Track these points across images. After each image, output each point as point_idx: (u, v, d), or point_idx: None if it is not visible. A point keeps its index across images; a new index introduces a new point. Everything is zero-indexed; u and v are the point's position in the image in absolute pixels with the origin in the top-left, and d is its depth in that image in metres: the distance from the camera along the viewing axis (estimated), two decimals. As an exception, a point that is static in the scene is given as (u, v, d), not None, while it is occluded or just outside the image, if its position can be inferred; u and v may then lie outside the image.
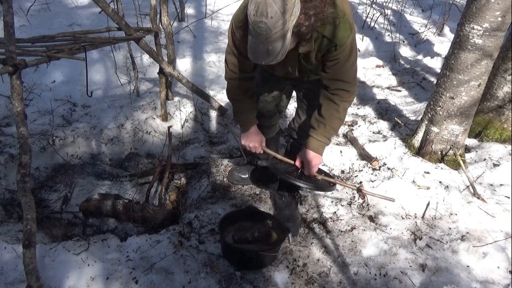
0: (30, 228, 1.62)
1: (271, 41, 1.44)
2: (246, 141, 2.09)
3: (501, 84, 2.85)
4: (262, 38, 1.43)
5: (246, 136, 2.08)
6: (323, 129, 1.92)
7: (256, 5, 1.39)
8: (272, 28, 1.40)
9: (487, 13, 2.30)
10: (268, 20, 1.38)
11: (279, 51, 1.48)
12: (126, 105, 3.41)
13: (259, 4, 1.38)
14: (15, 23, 1.49)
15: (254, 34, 1.44)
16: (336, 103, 1.85)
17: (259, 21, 1.39)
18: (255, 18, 1.40)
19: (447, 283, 1.96)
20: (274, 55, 1.49)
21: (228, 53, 1.89)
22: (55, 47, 2.12)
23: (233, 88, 1.99)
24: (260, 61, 1.54)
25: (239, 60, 1.85)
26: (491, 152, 2.75)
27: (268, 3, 1.37)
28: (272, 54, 1.48)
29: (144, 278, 1.90)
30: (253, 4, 1.40)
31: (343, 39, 1.64)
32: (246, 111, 2.05)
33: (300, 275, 2.04)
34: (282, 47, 1.47)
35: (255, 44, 1.48)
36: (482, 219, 2.34)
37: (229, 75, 1.95)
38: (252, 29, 1.44)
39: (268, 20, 1.38)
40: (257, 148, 2.09)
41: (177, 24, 4.88)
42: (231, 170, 2.63)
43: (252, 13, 1.40)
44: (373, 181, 2.61)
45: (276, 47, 1.46)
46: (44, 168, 2.86)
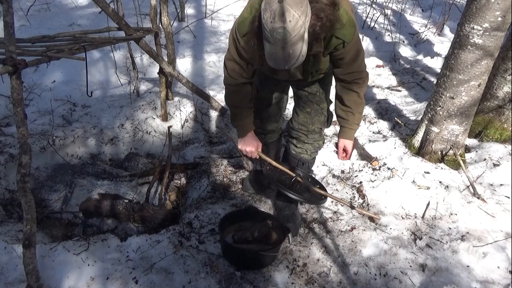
0: (30, 228, 1.62)
1: (291, 44, 1.47)
2: (243, 146, 2.11)
3: (501, 84, 2.85)
4: (282, 43, 1.46)
5: (243, 141, 2.10)
6: (352, 117, 2.03)
7: (272, 13, 1.42)
8: (291, 31, 1.43)
9: (487, 13, 2.30)
10: (287, 24, 1.41)
11: (299, 54, 1.51)
12: (126, 105, 3.41)
13: (275, 11, 1.42)
14: (15, 23, 1.49)
15: (273, 41, 1.47)
16: (355, 91, 1.95)
17: (278, 27, 1.42)
18: (273, 25, 1.43)
19: (447, 283, 1.96)
20: (295, 58, 1.52)
21: (228, 59, 1.91)
22: (55, 47, 2.13)
23: (232, 93, 2.01)
24: (281, 66, 1.57)
25: (240, 66, 1.88)
26: (491, 152, 2.75)
27: (284, 8, 1.41)
28: (293, 57, 1.51)
29: (144, 278, 1.90)
30: (268, 12, 1.43)
31: (350, 36, 1.70)
32: (244, 117, 2.06)
33: (300, 275, 2.04)
34: (301, 49, 1.50)
35: (275, 50, 1.50)
36: (482, 219, 2.34)
37: (228, 80, 1.97)
38: (270, 36, 1.46)
39: (287, 25, 1.41)
40: (253, 153, 2.11)
41: (177, 24, 4.88)
42: (245, 180, 2.62)
43: (269, 21, 1.44)
44: (373, 181, 2.61)
45: (296, 50, 1.49)
46: (44, 168, 2.86)
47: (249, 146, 2.09)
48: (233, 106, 2.05)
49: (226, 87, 2.02)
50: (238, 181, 2.69)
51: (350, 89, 1.94)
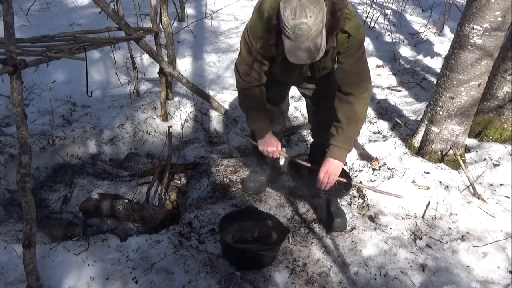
0: (30, 228, 1.62)
1: (312, 38, 1.54)
2: (264, 147, 2.12)
3: (501, 84, 2.85)
4: (304, 38, 1.53)
5: (263, 142, 2.12)
6: (342, 134, 1.94)
7: (292, 10, 1.50)
8: (312, 26, 1.50)
9: (487, 13, 2.30)
10: (308, 19, 1.49)
11: (319, 48, 1.58)
12: (126, 105, 3.41)
13: (295, 7, 1.50)
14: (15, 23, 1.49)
15: (294, 37, 1.53)
16: (350, 103, 1.88)
17: (300, 22, 1.49)
18: (294, 22, 1.50)
19: (447, 283, 1.96)
20: (316, 52, 1.59)
21: (240, 63, 1.95)
22: (55, 47, 2.13)
23: (246, 97, 2.04)
24: (303, 61, 1.62)
25: (252, 69, 1.91)
26: (491, 152, 2.75)
27: (304, 4, 1.49)
28: (314, 51, 1.58)
29: (144, 278, 1.90)
30: (288, 10, 1.51)
31: (356, 31, 1.75)
32: (260, 118, 2.09)
33: (300, 275, 2.04)
34: (321, 43, 1.57)
35: (296, 46, 1.56)
36: (482, 219, 2.34)
37: (242, 84, 2.00)
38: (291, 33, 1.53)
39: (308, 20, 1.49)
40: (274, 152, 2.13)
41: (177, 24, 4.88)
42: (245, 180, 2.62)
43: (290, 18, 1.51)
44: (373, 181, 2.61)
45: (317, 44, 1.56)
46: (44, 168, 2.86)
47: (270, 146, 2.11)
48: (249, 109, 2.08)
49: (239, 92, 2.05)
50: (238, 181, 2.69)
51: (345, 101, 1.89)
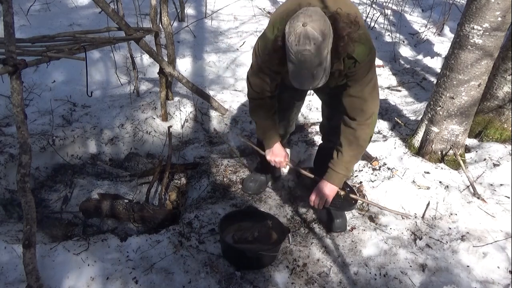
0: (30, 228, 1.62)
1: (315, 66, 1.51)
2: (272, 157, 2.13)
3: (501, 84, 2.85)
4: (307, 64, 1.51)
5: (271, 152, 2.13)
6: (341, 157, 1.94)
7: (296, 36, 1.47)
8: (316, 53, 1.48)
9: (487, 13, 2.30)
10: (311, 47, 1.46)
11: (323, 74, 1.56)
12: (126, 105, 3.41)
13: (299, 34, 1.46)
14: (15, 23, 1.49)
15: (298, 62, 1.51)
16: (353, 128, 1.88)
17: (303, 49, 1.47)
18: (298, 48, 1.47)
19: (447, 283, 1.96)
20: (319, 79, 1.56)
21: (251, 75, 1.96)
22: (55, 47, 2.12)
23: (257, 107, 2.05)
24: (305, 87, 1.62)
25: (263, 81, 1.92)
26: (491, 152, 2.75)
27: (309, 31, 1.45)
28: (317, 78, 1.55)
29: (144, 278, 1.90)
30: (293, 35, 1.48)
31: (363, 56, 1.70)
32: (270, 128, 2.09)
33: (300, 275, 2.04)
34: (325, 69, 1.55)
35: (299, 71, 1.55)
36: (482, 219, 2.34)
37: (252, 95, 2.01)
38: (295, 58, 1.51)
39: (312, 47, 1.46)
40: (282, 163, 2.14)
41: (177, 24, 4.88)
42: (245, 180, 2.62)
43: (294, 44, 1.48)
44: (373, 181, 2.61)
45: (320, 71, 1.54)
46: (44, 168, 2.86)
47: (277, 156, 2.12)
48: (258, 118, 2.09)
49: (250, 102, 2.07)
50: (238, 181, 2.69)
51: (348, 125, 1.88)
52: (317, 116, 3.50)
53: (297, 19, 1.49)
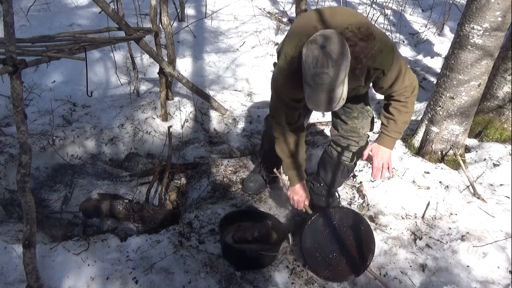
0: (30, 228, 1.62)
1: (332, 89, 1.50)
2: (291, 194, 2.13)
3: (501, 84, 2.85)
4: (324, 87, 1.49)
5: (293, 190, 2.12)
6: (394, 125, 1.95)
7: (314, 58, 1.46)
8: (333, 77, 1.46)
9: (487, 13, 2.30)
10: (329, 70, 1.45)
11: (340, 98, 1.54)
12: (126, 105, 3.41)
13: (317, 56, 1.45)
14: (15, 23, 1.49)
15: (315, 85, 1.50)
16: (402, 101, 1.89)
17: (321, 72, 1.46)
18: (315, 70, 1.46)
19: (447, 283, 1.96)
20: (336, 102, 1.55)
21: (273, 109, 1.97)
22: (55, 47, 2.12)
23: (283, 144, 2.03)
24: (321, 110, 1.61)
25: (287, 114, 1.91)
26: (491, 152, 2.75)
27: (326, 54, 1.44)
28: (334, 101, 1.54)
29: (144, 278, 1.90)
30: (310, 58, 1.47)
31: (388, 63, 1.70)
32: (294, 167, 2.07)
33: (300, 275, 2.04)
34: (342, 93, 1.54)
35: (316, 94, 1.54)
36: (482, 219, 2.34)
37: (279, 131, 2.00)
38: (311, 81, 1.50)
39: (329, 70, 1.45)
40: (299, 203, 2.12)
41: (177, 24, 4.87)
42: (245, 180, 2.62)
43: (312, 66, 1.47)
44: (373, 181, 2.61)
45: (337, 94, 1.52)
46: (44, 168, 2.86)
47: (297, 195, 2.11)
48: (285, 156, 2.07)
49: (276, 138, 2.04)
50: (238, 181, 2.69)
51: (397, 100, 1.90)
52: (317, 116, 3.50)
53: (314, 41, 1.49)
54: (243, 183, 2.61)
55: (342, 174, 2.23)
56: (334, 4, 5.92)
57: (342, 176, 2.25)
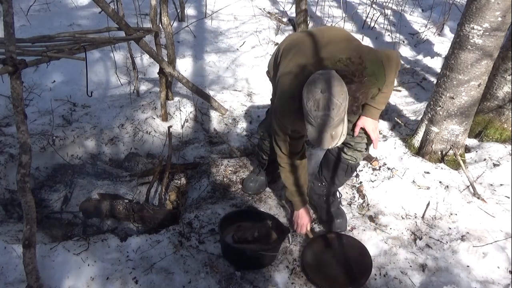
0: (30, 228, 1.62)
1: (334, 127, 1.59)
2: (296, 219, 2.24)
3: (501, 84, 2.85)
4: (326, 127, 1.59)
5: (297, 214, 2.23)
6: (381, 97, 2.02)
7: (315, 101, 1.54)
8: (334, 117, 1.55)
9: (487, 13, 2.30)
10: (330, 111, 1.54)
11: (341, 134, 1.63)
12: (126, 105, 3.41)
13: (318, 100, 1.54)
14: (15, 23, 1.49)
15: (317, 126, 1.59)
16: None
17: (322, 114, 1.55)
18: (317, 113, 1.56)
19: (447, 283, 1.97)
20: (338, 139, 1.64)
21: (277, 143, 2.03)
22: (55, 47, 2.12)
23: (288, 173, 2.13)
24: (325, 146, 1.67)
25: (291, 145, 2.01)
26: (491, 152, 2.75)
27: (327, 97, 1.53)
28: (335, 138, 1.63)
29: (144, 278, 1.90)
30: (312, 101, 1.55)
31: (382, 82, 1.85)
32: (299, 194, 2.18)
33: (300, 275, 2.04)
34: (343, 129, 1.63)
35: (319, 133, 1.62)
36: (482, 219, 2.34)
37: (284, 161, 2.09)
38: (314, 122, 1.59)
39: (331, 112, 1.54)
40: (303, 227, 2.21)
41: (177, 24, 4.88)
42: (245, 180, 2.63)
43: (313, 109, 1.56)
44: (373, 181, 2.61)
45: (338, 131, 1.62)
46: (44, 168, 2.86)
47: (301, 220, 2.21)
48: (290, 184, 2.16)
49: (282, 167, 2.13)
50: (238, 181, 2.69)
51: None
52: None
53: (314, 84, 1.56)
54: (243, 183, 2.61)
55: (345, 173, 2.26)
56: (334, 4, 5.93)
57: (346, 175, 2.29)
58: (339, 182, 2.32)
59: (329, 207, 2.31)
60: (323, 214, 2.33)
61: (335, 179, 2.29)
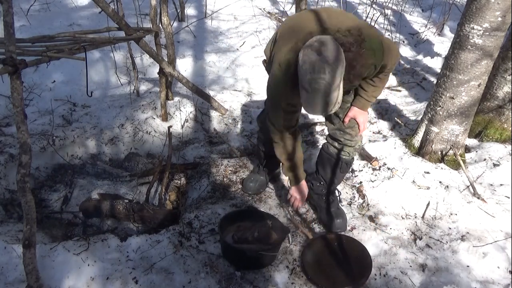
0: (30, 228, 1.62)
1: (328, 93, 1.55)
2: (294, 193, 2.24)
3: (501, 84, 2.85)
4: (321, 92, 1.55)
5: (293, 190, 2.24)
6: (373, 90, 2.03)
7: (311, 64, 1.51)
8: (329, 82, 1.52)
9: (487, 13, 2.30)
10: (325, 75, 1.50)
11: (335, 101, 1.60)
12: (126, 105, 3.41)
13: (314, 62, 1.51)
14: (15, 23, 1.49)
15: (311, 90, 1.55)
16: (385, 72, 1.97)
17: (318, 77, 1.51)
18: (312, 76, 1.52)
19: (447, 283, 1.96)
20: (332, 105, 1.61)
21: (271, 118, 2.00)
22: (55, 47, 2.12)
23: (282, 148, 2.10)
24: (318, 113, 1.66)
25: (284, 119, 1.95)
26: (491, 152, 2.75)
27: (323, 59, 1.50)
28: (330, 105, 1.60)
29: (144, 278, 1.90)
30: (307, 64, 1.52)
31: (380, 60, 1.79)
32: (294, 169, 2.15)
33: (300, 275, 2.04)
34: (337, 97, 1.60)
35: (312, 99, 1.59)
36: (482, 219, 2.34)
37: (277, 136, 2.05)
38: (308, 86, 1.55)
39: (326, 75, 1.50)
40: (296, 202, 2.23)
41: (177, 24, 4.88)
42: (245, 180, 2.63)
43: (308, 71, 1.52)
44: (373, 181, 2.61)
45: (333, 98, 1.58)
46: (44, 168, 2.86)
47: (295, 195, 2.23)
48: (284, 160, 2.13)
49: (275, 143, 2.10)
50: (238, 181, 2.69)
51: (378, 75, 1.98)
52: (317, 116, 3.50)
53: (310, 47, 1.54)
54: (243, 183, 2.61)
55: (341, 169, 2.27)
56: (334, 4, 5.93)
57: (341, 171, 2.29)
58: (336, 179, 2.32)
59: (329, 207, 2.31)
60: (323, 214, 2.33)
61: (332, 176, 2.30)
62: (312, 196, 2.42)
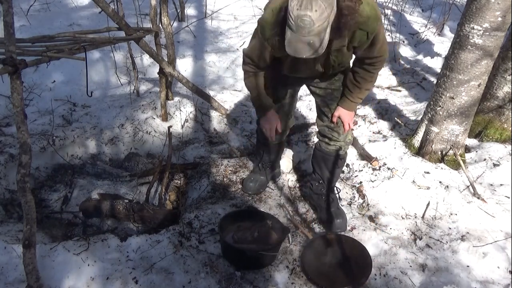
0: (30, 228, 1.62)
1: (313, 34, 1.50)
2: (264, 123, 2.23)
3: (501, 84, 2.85)
4: (305, 31, 1.49)
5: (264, 119, 2.23)
6: (358, 92, 2.06)
7: (299, 0, 1.46)
8: (315, 21, 1.46)
9: (487, 13, 2.30)
10: (312, 13, 1.45)
11: (319, 45, 1.54)
12: (126, 105, 3.41)
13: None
14: (15, 23, 1.49)
15: (296, 28, 1.50)
16: (371, 72, 1.98)
17: (304, 14, 1.45)
18: (298, 12, 1.46)
19: (447, 283, 1.96)
20: (315, 49, 1.55)
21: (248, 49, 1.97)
22: (55, 47, 2.12)
23: (252, 77, 2.09)
24: (300, 54, 1.59)
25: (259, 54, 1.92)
26: (491, 152, 2.75)
27: None
28: (313, 47, 1.54)
29: (144, 278, 1.90)
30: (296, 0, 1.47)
31: (374, 28, 1.73)
32: (262, 98, 2.15)
33: (300, 275, 2.04)
34: (322, 41, 1.54)
35: (295, 38, 1.53)
36: (482, 219, 2.34)
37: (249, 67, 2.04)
38: (293, 24, 1.49)
39: (313, 13, 1.45)
40: (271, 130, 2.21)
41: (177, 24, 4.88)
42: (245, 180, 2.63)
43: (296, 8, 1.47)
44: (373, 181, 2.61)
45: (317, 41, 1.52)
46: (44, 168, 2.86)
47: (268, 123, 2.21)
48: (252, 88, 2.13)
49: (246, 72, 2.09)
50: (238, 181, 2.69)
51: (366, 70, 1.98)
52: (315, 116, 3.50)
53: None
54: (243, 183, 2.61)
55: (336, 164, 2.29)
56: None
57: (337, 166, 2.31)
58: (332, 175, 2.33)
59: (329, 207, 2.31)
60: (323, 214, 2.33)
61: (328, 172, 2.31)
62: (312, 196, 2.42)
